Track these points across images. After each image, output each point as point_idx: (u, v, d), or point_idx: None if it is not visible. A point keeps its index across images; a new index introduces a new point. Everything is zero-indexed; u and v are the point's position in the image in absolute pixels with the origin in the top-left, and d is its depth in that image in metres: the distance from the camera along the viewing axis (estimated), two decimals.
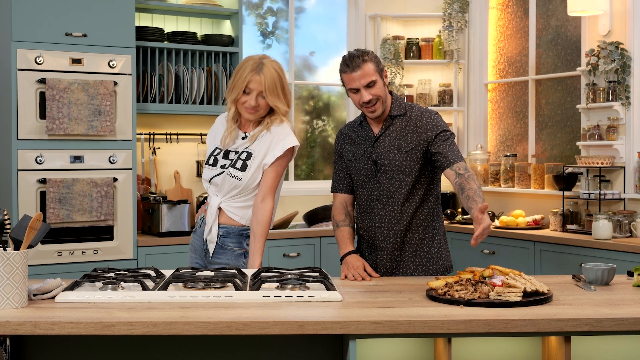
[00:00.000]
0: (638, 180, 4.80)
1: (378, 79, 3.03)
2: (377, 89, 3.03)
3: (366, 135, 3.16)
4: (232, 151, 3.23)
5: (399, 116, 3.12)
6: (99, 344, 2.50)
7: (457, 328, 2.26)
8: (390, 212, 3.12)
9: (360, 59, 3.02)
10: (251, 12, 6.02)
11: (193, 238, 3.37)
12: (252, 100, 3.14)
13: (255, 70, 3.12)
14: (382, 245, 3.15)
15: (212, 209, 3.23)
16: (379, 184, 3.12)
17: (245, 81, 3.12)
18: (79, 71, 4.41)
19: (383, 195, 3.12)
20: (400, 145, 3.08)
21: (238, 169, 3.18)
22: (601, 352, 2.52)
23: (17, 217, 4.19)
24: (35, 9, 4.29)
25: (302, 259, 5.14)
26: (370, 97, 3.02)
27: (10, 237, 2.44)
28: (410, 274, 3.16)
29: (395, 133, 3.11)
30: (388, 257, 3.16)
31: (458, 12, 6.09)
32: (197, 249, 3.32)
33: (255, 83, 3.12)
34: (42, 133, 4.31)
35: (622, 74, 4.86)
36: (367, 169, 3.13)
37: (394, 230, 3.13)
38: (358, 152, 3.16)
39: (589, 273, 2.87)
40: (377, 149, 3.12)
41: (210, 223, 3.23)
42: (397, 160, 3.08)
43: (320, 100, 6.34)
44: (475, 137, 6.14)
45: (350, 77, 3.04)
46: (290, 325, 2.24)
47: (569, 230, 4.97)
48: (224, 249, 3.23)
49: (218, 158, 3.24)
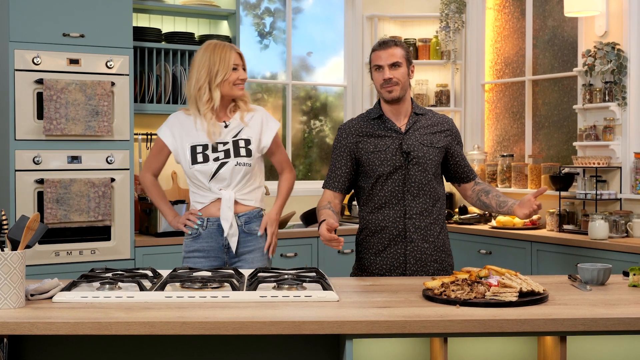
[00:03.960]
0: (634, 181, 4.82)
1: (403, 64, 3.16)
2: (399, 72, 3.14)
3: (390, 127, 3.19)
4: (220, 143, 3.23)
5: (421, 115, 3.24)
6: (96, 344, 2.50)
7: (453, 328, 2.27)
8: (422, 203, 3.17)
9: (392, 42, 3.18)
10: (248, 12, 6.02)
11: (198, 244, 3.29)
12: (242, 73, 3.24)
13: (232, 47, 3.24)
14: (414, 236, 3.16)
15: (229, 203, 3.22)
16: (409, 175, 3.15)
17: (232, 58, 3.21)
18: (76, 71, 4.41)
19: (414, 187, 3.16)
20: (432, 140, 3.20)
21: (245, 157, 3.22)
22: (596, 352, 2.53)
23: (14, 217, 4.19)
24: (32, 10, 4.29)
25: (299, 259, 5.14)
26: (391, 76, 3.12)
27: (8, 238, 2.45)
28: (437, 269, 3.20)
29: (423, 129, 3.21)
30: (418, 249, 3.17)
31: (455, 13, 6.10)
32: (210, 251, 3.28)
33: (238, 57, 3.25)
34: (40, 133, 4.31)
35: (619, 74, 4.87)
36: (396, 159, 3.15)
37: (425, 222, 3.17)
38: (383, 144, 3.17)
39: (585, 273, 2.88)
40: (408, 141, 3.17)
41: (230, 219, 3.22)
42: (430, 154, 3.17)
43: (318, 100, 6.35)
44: (472, 138, 6.15)
45: (378, 54, 3.17)
46: (287, 325, 2.25)
47: (566, 231, 4.98)
48: (252, 235, 3.28)
49: (207, 154, 3.22)
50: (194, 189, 3.31)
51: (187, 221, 3.29)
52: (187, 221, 3.29)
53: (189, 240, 3.31)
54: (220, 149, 3.22)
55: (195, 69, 3.24)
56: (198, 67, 3.22)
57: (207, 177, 3.23)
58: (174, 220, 3.37)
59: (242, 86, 3.26)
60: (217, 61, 3.19)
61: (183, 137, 3.26)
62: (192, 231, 3.29)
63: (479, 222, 5.59)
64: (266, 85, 6.09)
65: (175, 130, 3.28)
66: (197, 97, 3.22)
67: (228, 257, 3.29)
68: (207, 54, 3.22)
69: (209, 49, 3.24)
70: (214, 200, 3.27)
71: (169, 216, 3.40)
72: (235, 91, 3.25)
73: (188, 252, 3.32)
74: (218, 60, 3.19)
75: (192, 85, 3.23)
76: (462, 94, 6.21)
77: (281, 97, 6.12)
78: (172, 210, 3.42)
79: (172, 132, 3.29)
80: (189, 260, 3.31)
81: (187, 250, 3.32)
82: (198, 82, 3.21)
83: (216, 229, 3.27)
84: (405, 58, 3.17)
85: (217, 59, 3.19)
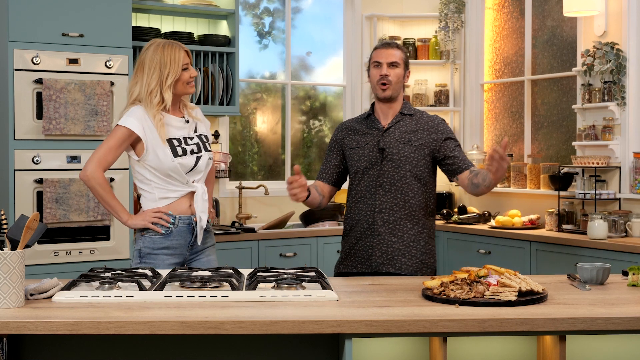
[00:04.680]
0: (633, 180, 4.82)
1: (401, 66, 3.30)
2: (396, 72, 3.29)
3: (374, 126, 3.34)
4: (188, 137, 3.26)
5: (409, 115, 3.34)
6: (95, 343, 2.50)
7: (453, 327, 2.27)
8: (392, 199, 3.26)
9: (395, 45, 3.35)
10: (248, 12, 6.02)
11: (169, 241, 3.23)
12: (193, 71, 3.24)
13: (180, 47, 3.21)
14: (381, 229, 3.25)
15: (205, 196, 3.27)
16: (383, 171, 3.27)
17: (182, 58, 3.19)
18: (75, 71, 4.41)
19: (386, 183, 3.27)
20: (411, 138, 3.28)
21: (210, 151, 3.34)
22: (596, 351, 2.53)
23: (14, 217, 4.19)
24: (31, 9, 4.29)
25: (299, 259, 5.14)
26: (388, 74, 3.26)
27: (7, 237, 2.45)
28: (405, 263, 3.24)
29: (405, 127, 3.31)
30: (385, 243, 3.25)
31: (454, 13, 6.10)
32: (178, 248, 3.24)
33: (187, 56, 3.24)
34: (39, 133, 4.31)
35: (618, 74, 4.87)
36: (372, 155, 3.29)
37: (394, 217, 3.25)
38: (363, 141, 3.33)
39: (584, 273, 2.89)
40: (385, 138, 3.29)
41: (206, 210, 3.27)
42: (405, 152, 3.27)
43: (317, 100, 6.35)
44: (471, 137, 6.15)
45: (379, 52, 3.33)
46: (286, 325, 2.25)
47: (565, 230, 4.98)
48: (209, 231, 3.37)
49: (184, 147, 3.22)
50: (162, 184, 3.22)
51: (158, 220, 3.20)
52: (158, 220, 3.20)
53: (158, 237, 3.21)
54: (190, 142, 3.25)
55: (144, 71, 3.18)
56: (148, 69, 3.16)
57: (186, 170, 3.21)
58: (131, 220, 3.23)
59: (193, 83, 3.26)
60: (167, 63, 3.15)
61: (154, 132, 3.16)
62: (165, 230, 3.21)
63: (478, 221, 5.59)
64: (265, 85, 6.09)
65: (144, 123, 3.16)
66: (147, 101, 3.15)
67: (189, 253, 3.29)
68: (157, 56, 3.16)
69: (157, 50, 3.17)
70: (184, 194, 3.24)
71: (124, 216, 3.23)
72: (189, 89, 3.24)
73: (156, 249, 3.21)
74: (168, 61, 3.15)
75: (143, 88, 3.17)
76: (461, 93, 6.21)
77: (280, 97, 6.12)
78: (126, 210, 3.28)
79: (142, 125, 3.15)
80: (155, 257, 3.21)
81: (156, 247, 3.21)
82: (149, 86, 3.15)
83: (186, 227, 3.24)
84: (404, 61, 3.32)
85: (167, 61, 3.15)
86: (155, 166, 3.18)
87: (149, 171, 3.21)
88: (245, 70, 5.89)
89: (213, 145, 5.44)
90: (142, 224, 3.21)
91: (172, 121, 3.23)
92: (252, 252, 4.99)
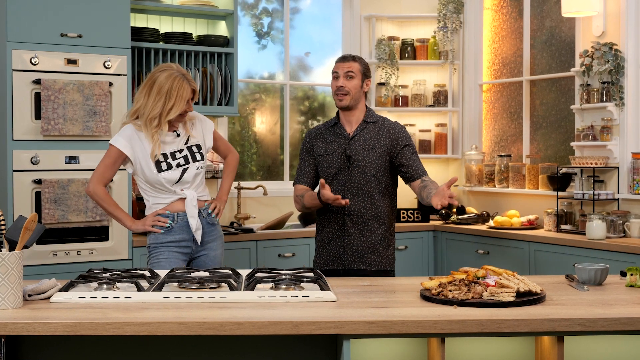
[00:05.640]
0: (632, 181, 4.82)
1: (357, 77, 3.53)
2: (352, 83, 3.52)
3: (340, 134, 3.58)
4: (177, 151, 3.51)
5: (372, 122, 3.57)
6: (94, 344, 2.50)
7: (451, 328, 2.28)
8: (360, 202, 3.50)
9: (352, 57, 3.59)
10: (246, 12, 6.03)
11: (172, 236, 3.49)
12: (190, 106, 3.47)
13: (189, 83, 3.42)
14: (351, 230, 3.51)
15: (194, 202, 3.50)
16: (350, 176, 3.51)
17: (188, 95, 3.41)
18: (74, 72, 4.41)
19: (354, 187, 3.51)
20: (374, 145, 3.52)
21: (200, 160, 3.55)
22: (594, 352, 2.53)
23: (12, 217, 4.19)
24: (30, 10, 4.29)
25: (297, 259, 5.14)
26: (344, 85, 3.50)
27: (6, 238, 2.45)
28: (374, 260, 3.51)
29: (369, 135, 3.54)
30: (355, 242, 3.51)
31: (453, 13, 6.10)
32: (182, 242, 3.51)
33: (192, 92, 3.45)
34: (37, 133, 4.30)
35: (616, 74, 4.88)
36: (340, 162, 3.53)
37: (362, 219, 3.50)
38: (331, 148, 3.56)
39: (582, 273, 2.89)
40: (352, 146, 3.53)
41: (196, 216, 3.50)
42: (370, 158, 3.50)
43: (316, 100, 6.35)
44: (469, 138, 6.15)
45: (337, 64, 3.59)
46: (284, 326, 2.26)
47: (563, 231, 4.99)
48: (213, 225, 3.61)
49: (169, 162, 3.47)
50: (154, 192, 3.51)
51: (157, 222, 3.49)
52: (157, 222, 3.49)
53: (161, 234, 3.50)
54: (179, 156, 3.50)
55: (152, 93, 3.40)
56: (156, 94, 3.38)
57: (171, 183, 3.48)
58: (135, 224, 3.53)
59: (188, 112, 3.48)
60: (174, 96, 3.37)
61: (142, 149, 3.45)
62: (164, 229, 3.50)
63: (477, 222, 5.59)
64: (264, 85, 6.09)
65: (133, 142, 3.45)
66: (146, 124, 3.40)
67: (195, 247, 3.55)
68: (166, 87, 3.37)
69: (169, 79, 3.38)
70: (175, 199, 3.51)
71: (128, 221, 3.56)
72: (181, 119, 3.50)
73: (160, 244, 3.49)
74: (175, 96, 3.37)
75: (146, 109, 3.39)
76: (460, 94, 6.21)
77: (279, 97, 6.12)
78: (129, 216, 3.61)
79: (131, 144, 3.45)
80: (160, 250, 3.49)
81: (159, 242, 3.50)
82: (152, 111, 3.38)
83: (186, 222, 3.51)
84: (362, 72, 3.55)
85: (174, 94, 3.37)
86: (144, 178, 3.50)
87: (141, 181, 3.53)
88: (243, 71, 5.90)
89: None
90: (142, 229, 3.52)
91: (163, 137, 3.48)
92: (251, 253, 4.99)
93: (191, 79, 3.46)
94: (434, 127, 6.27)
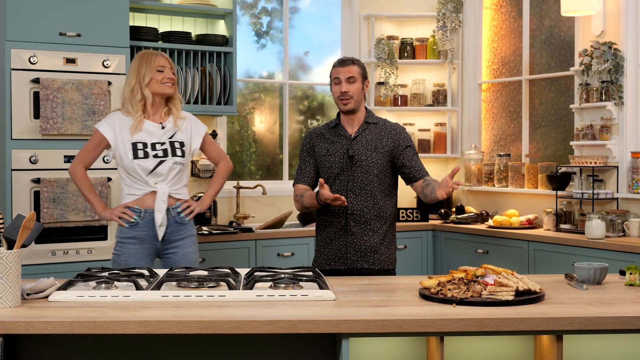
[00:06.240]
0: (631, 180, 4.82)
1: (358, 80, 3.56)
2: (354, 87, 3.55)
3: (342, 134, 3.59)
4: (157, 142, 3.58)
5: (373, 123, 3.60)
6: (92, 343, 2.50)
7: (450, 327, 2.27)
8: (362, 202, 3.51)
9: (351, 61, 3.59)
10: (245, 12, 6.02)
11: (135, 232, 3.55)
12: (169, 73, 3.59)
13: (157, 55, 3.62)
14: (354, 230, 3.51)
15: (164, 197, 3.55)
16: (353, 176, 3.53)
17: (156, 62, 3.58)
18: (73, 71, 4.41)
19: (356, 187, 3.52)
20: (377, 145, 3.55)
21: (180, 157, 3.60)
22: (593, 351, 2.53)
23: (10, 216, 4.19)
24: (29, 9, 4.28)
25: (296, 259, 5.14)
26: (347, 90, 3.52)
27: (4, 237, 2.45)
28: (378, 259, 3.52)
29: (371, 136, 3.57)
30: (358, 242, 3.51)
31: (452, 12, 6.10)
32: (145, 239, 3.57)
33: (164, 61, 3.61)
34: (36, 133, 4.30)
35: (615, 74, 4.87)
36: (343, 162, 3.54)
37: (365, 218, 3.51)
38: (333, 149, 3.58)
39: (582, 272, 2.89)
40: (354, 146, 3.55)
41: (163, 211, 3.54)
42: (373, 158, 3.53)
43: (315, 100, 6.35)
44: (469, 137, 6.15)
45: (337, 69, 3.59)
46: (283, 324, 2.25)
47: (562, 230, 4.99)
48: (183, 224, 3.62)
49: (147, 151, 3.54)
50: (130, 181, 3.59)
51: (123, 215, 3.56)
52: (123, 215, 3.56)
53: (126, 228, 3.57)
54: (159, 148, 3.57)
55: (128, 76, 3.65)
56: (130, 74, 3.62)
57: (145, 172, 3.54)
58: (104, 211, 3.64)
59: (169, 84, 3.61)
60: (143, 65, 3.58)
61: (123, 134, 3.56)
62: (129, 224, 3.55)
63: (476, 221, 5.59)
64: (263, 84, 6.09)
65: (116, 127, 3.58)
66: (130, 99, 3.58)
67: (162, 245, 3.60)
68: (136, 62, 3.62)
69: (137, 57, 3.65)
70: (147, 192, 3.57)
71: (99, 207, 3.66)
72: (165, 89, 3.60)
73: (123, 238, 3.58)
74: (145, 64, 3.58)
75: (126, 89, 3.62)
76: (459, 93, 6.21)
77: (278, 96, 6.11)
78: (102, 202, 3.70)
79: (113, 129, 3.58)
80: (123, 245, 3.57)
81: (123, 237, 3.58)
82: (130, 85, 3.60)
83: (152, 219, 3.56)
84: (361, 75, 3.58)
85: (143, 64, 3.59)
86: (121, 165, 3.59)
87: (121, 169, 3.61)
88: (243, 70, 5.89)
89: None
90: (109, 217, 3.61)
91: (147, 126, 3.58)
92: (250, 252, 4.98)
93: (163, 54, 3.65)
94: (433, 126, 6.27)
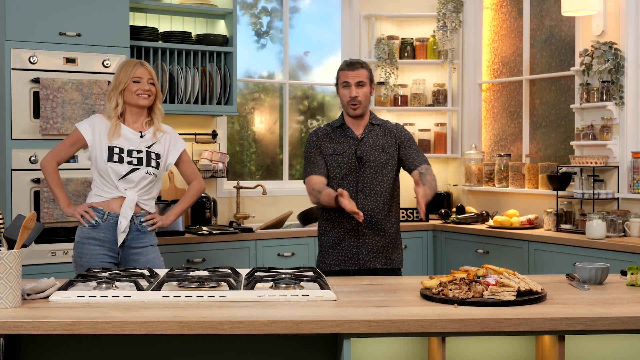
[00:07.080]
0: (632, 180, 4.81)
1: (367, 84, 3.57)
2: (363, 91, 3.55)
3: (349, 135, 3.59)
4: (135, 150, 3.58)
5: (377, 125, 3.63)
6: (93, 343, 2.50)
7: (451, 327, 2.27)
8: (373, 202, 3.52)
9: (360, 64, 3.58)
10: (245, 11, 6.02)
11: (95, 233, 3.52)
12: (145, 85, 3.57)
13: (137, 65, 3.60)
14: (365, 230, 3.52)
15: (131, 204, 3.54)
16: (362, 177, 3.53)
17: (133, 72, 3.57)
18: (72, 71, 4.40)
19: (366, 188, 3.53)
20: (384, 146, 3.58)
21: (154, 167, 3.60)
22: (595, 351, 2.53)
23: (11, 216, 4.18)
24: (29, 9, 4.28)
25: (297, 259, 5.14)
26: (357, 95, 3.52)
27: (4, 237, 2.44)
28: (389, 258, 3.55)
29: (377, 136, 3.59)
30: (370, 241, 3.52)
31: (452, 12, 6.10)
32: (106, 242, 3.54)
33: (142, 71, 3.59)
34: (36, 132, 4.30)
35: (616, 74, 4.87)
36: (351, 163, 3.54)
37: (376, 219, 3.52)
38: (340, 149, 3.57)
39: (583, 272, 2.88)
40: (362, 147, 3.56)
41: (128, 218, 3.53)
42: (382, 158, 3.55)
43: (315, 100, 6.35)
44: (469, 137, 6.15)
45: (346, 73, 3.58)
46: (284, 325, 2.25)
47: (563, 230, 4.98)
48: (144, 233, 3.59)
49: (122, 156, 3.54)
50: (100, 184, 3.57)
51: (85, 214, 3.53)
52: (85, 214, 3.53)
53: (87, 228, 3.54)
54: (134, 155, 3.57)
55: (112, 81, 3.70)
56: (112, 79, 3.66)
57: (117, 176, 3.53)
58: (68, 207, 3.60)
59: (144, 96, 3.59)
60: (120, 74, 3.60)
61: (102, 137, 3.56)
62: (89, 224, 3.53)
63: (477, 221, 5.59)
64: (263, 84, 6.08)
65: (95, 129, 3.58)
66: (108, 104, 3.61)
67: (122, 250, 3.57)
68: (119, 68, 3.64)
69: (121, 64, 3.68)
70: (115, 197, 3.55)
71: (63, 202, 3.62)
72: (138, 100, 3.58)
73: (84, 238, 3.55)
74: (122, 73, 3.59)
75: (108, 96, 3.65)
76: (460, 93, 6.21)
77: (278, 96, 6.11)
78: (67, 198, 3.66)
79: (93, 130, 3.58)
80: (83, 245, 3.54)
81: (84, 236, 3.55)
82: (109, 92, 3.63)
83: (114, 223, 3.54)
84: (369, 79, 3.58)
85: (121, 73, 3.60)
86: (94, 165, 3.58)
87: (94, 169, 3.60)
88: (243, 70, 5.89)
89: (210, 144, 5.44)
90: (71, 214, 3.58)
91: (125, 132, 3.58)
92: (250, 252, 4.98)
93: (144, 62, 3.64)
94: (433, 126, 6.27)
